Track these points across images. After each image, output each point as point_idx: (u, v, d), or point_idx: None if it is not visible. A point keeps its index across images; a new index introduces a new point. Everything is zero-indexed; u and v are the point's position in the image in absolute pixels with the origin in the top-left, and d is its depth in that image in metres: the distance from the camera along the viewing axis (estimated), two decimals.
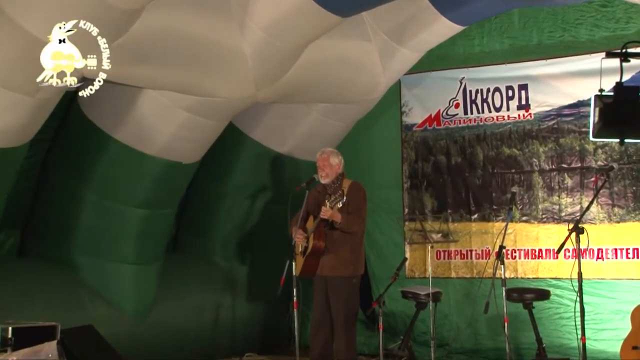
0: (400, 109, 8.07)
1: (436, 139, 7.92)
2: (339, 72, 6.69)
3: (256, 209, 7.70)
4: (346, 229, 5.71)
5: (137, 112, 6.13)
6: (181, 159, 6.57)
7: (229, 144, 7.37)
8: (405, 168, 8.06)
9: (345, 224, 5.68)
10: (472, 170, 7.74)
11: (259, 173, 7.60)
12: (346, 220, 5.68)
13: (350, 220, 5.73)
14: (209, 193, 7.67)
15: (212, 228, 7.71)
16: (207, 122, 6.37)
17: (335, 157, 5.96)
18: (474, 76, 7.68)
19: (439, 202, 7.87)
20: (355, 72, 6.79)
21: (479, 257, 7.61)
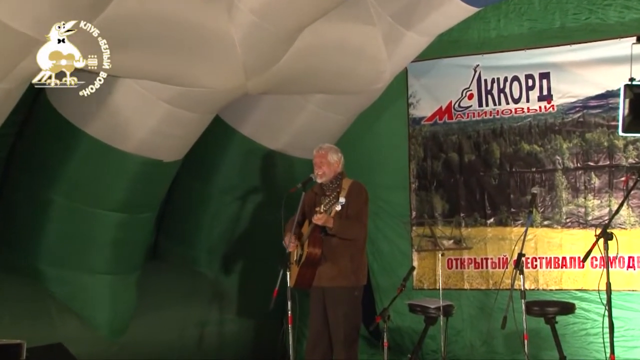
0: (407, 100, 8.07)
1: (447, 134, 7.92)
2: (338, 59, 6.68)
3: (246, 212, 7.69)
4: (341, 235, 5.71)
5: (112, 104, 6.10)
6: (162, 157, 6.56)
7: (215, 140, 7.35)
8: (412, 167, 8.05)
9: (340, 229, 5.66)
10: (487, 169, 7.73)
11: (249, 172, 7.58)
12: (340, 225, 5.67)
13: (347, 225, 5.72)
14: (193, 195, 7.67)
15: (196, 234, 7.69)
16: (191, 115, 6.36)
17: (334, 154, 5.96)
18: (489, 64, 7.67)
19: (451, 205, 7.87)
20: (356, 60, 6.78)
21: (495, 266, 7.60)
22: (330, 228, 5.64)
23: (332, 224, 5.63)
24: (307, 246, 5.76)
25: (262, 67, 6.21)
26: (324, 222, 5.61)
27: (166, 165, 6.70)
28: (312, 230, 5.75)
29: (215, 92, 6.21)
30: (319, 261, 5.77)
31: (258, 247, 7.67)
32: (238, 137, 7.42)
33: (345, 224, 5.72)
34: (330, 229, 5.65)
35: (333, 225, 5.63)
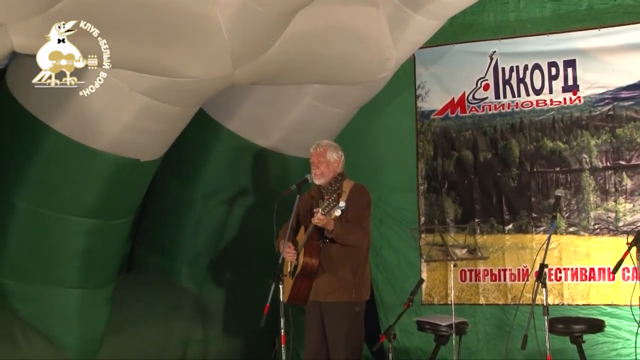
0: (415, 91, 8.08)
1: (460, 129, 7.92)
2: (337, 45, 6.66)
3: (233, 218, 7.69)
4: (342, 241, 5.70)
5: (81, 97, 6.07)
6: (138, 156, 6.54)
7: (198, 136, 7.34)
8: (421, 166, 8.05)
9: (341, 233, 5.65)
10: (505, 169, 7.73)
11: (237, 173, 7.58)
12: (342, 228, 5.66)
13: (349, 229, 5.72)
14: (174, 199, 7.66)
15: (177, 243, 7.69)
16: (171, 109, 6.34)
17: (334, 152, 5.93)
18: (507, 50, 7.68)
19: (464, 210, 7.87)
20: (357, 46, 6.76)
21: (514, 279, 7.60)
22: (330, 231, 5.62)
23: (332, 226, 5.61)
24: (303, 256, 5.73)
25: (252, 54, 6.19)
26: (324, 224, 5.59)
27: (143, 165, 6.67)
28: (308, 238, 5.72)
29: (198, 82, 6.18)
30: (315, 273, 5.74)
31: (247, 257, 7.66)
32: (225, 133, 7.42)
33: (347, 227, 5.71)
34: (329, 231, 5.63)
35: (334, 227, 5.61)
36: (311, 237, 5.75)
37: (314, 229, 5.70)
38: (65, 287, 6.63)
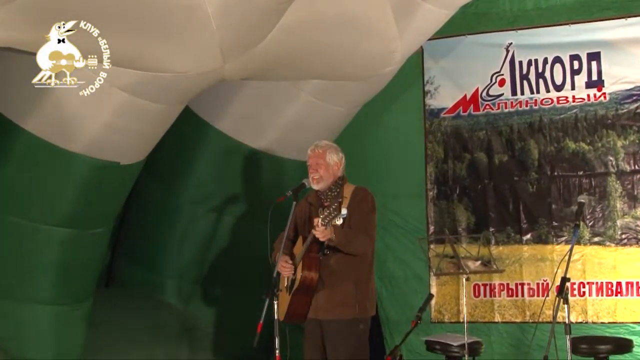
0: (424, 88, 8.09)
1: (473, 129, 7.92)
2: (338, 36, 6.63)
3: (224, 227, 7.71)
4: (345, 248, 5.68)
5: (55, 94, 6.04)
6: (118, 159, 6.54)
7: (185, 137, 7.34)
8: (430, 170, 8.05)
9: (344, 240, 5.64)
10: (523, 173, 7.74)
11: (227, 178, 7.59)
12: (344, 235, 5.65)
13: (351, 235, 5.70)
14: (158, 206, 7.68)
15: (161, 255, 7.70)
16: (155, 107, 6.33)
17: (334, 154, 5.92)
18: (525, 42, 7.69)
19: (478, 218, 7.87)
20: (360, 37, 6.73)
21: (533, 294, 7.61)
22: (332, 239, 5.60)
23: (333, 235, 5.59)
24: (301, 269, 5.73)
25: (243, 46, 6.17)
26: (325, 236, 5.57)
27: (124, 169, 6.67)
28: (306, 250, 5.72)
29: (184, 77, 6.17)
30: (315, 287, 5.73)
31: (239, 270, 7.66)
32: (213, 133, 7.42)
33: (350, 233, 5.71)
34: (331, 240, 5.61)
35: (336, 235, 5.60)
36: (310, 248, 5.73)
37: (312, 240, 5.68)
38: (38, 304, 6.62)
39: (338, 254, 5.74)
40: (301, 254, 5.76)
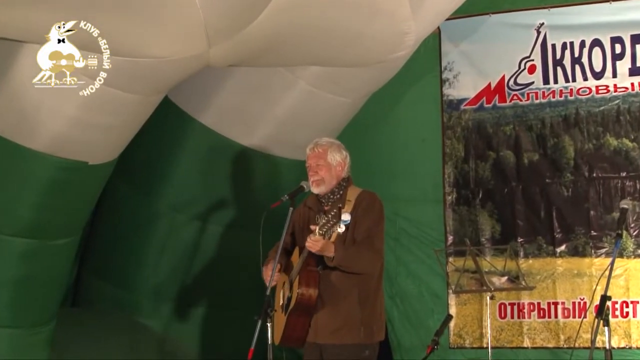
0: (441, 75, 8.09)
1: (498, 123, 7.92)
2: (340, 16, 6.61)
3: (209, 238, 7.72)
4: (348, 268, 5.66)
5: (13, 83, 6.07)
6: (86, 158, 6.55)
7: (164, 133, 7.37)
8: (448, 171, 8.06)
9: (345, 259, 5.62)
10: (556, 174, 7.74)
11: (213, 180, 7.62)
12: (345, 253, 5.64)
13: (355, 253, 5.69)
14: (133, 213, 7.69)
15: (136, 270, 7.72)
16: (129, 97, 6.33)
17: (337, 153, 5.90)
18: (559, 22, 7.69)
19: (504, 226, 7.87)
20: (366, 16, 6.71)
21: (568, 315, 7.60)
22: (331, 258, 5.61)
23: (332, 252, 5.59)
24: (298, 285, 5.71)
25: (231, 27, 6.18)
26: (321, 248, 5.57)
27: (92, 171, 6.68)
28: (304, 263, 5.71)
29: (164, 63, 6.17)
30: (314, 307, 5.72)
31: (226, 287, 7.68)
32: (197, 129, 7.44)
33: (353, 251, 5.69)
34: (330, 259, 5.62)
35: (335, 254, 5.60)
36: (307, 261, 5.72)
37: (309, 253, 5.68)
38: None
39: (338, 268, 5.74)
40: (298, 267, 5.75)
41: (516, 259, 7.48)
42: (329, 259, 5.62)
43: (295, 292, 5.73)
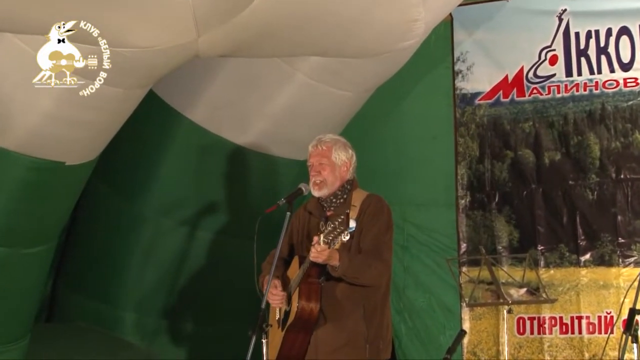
0: (454, 67, 8.09)
1: (517, 119, 7.91)
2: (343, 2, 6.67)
3: (198, 245, 7.74)
4: (354, 279, 5.65)
5: None
6: (63, 158, 6.55)
7: (149, 131, 7.39)
8: (461, 172, 8.05)
9: (350, 269, 5.60)
10: (580, 175, 7.73)
11: (202, 182, 7.63)
12: (351, 263, 5.61)
13: (362, 262, 5.67)
14: (114, 218, 7.70)
15: (118, 281, 7.72)
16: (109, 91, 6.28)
17: (341, 151, 5.89)
18: (583, 7, 7.69)
19: (523, 232, 7.86)
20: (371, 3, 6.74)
21: (593, 330, 7.58)
22: (336, 267, 5.59)
23: (337, 260, 5.57)
24: (297, 299, 5.70)
25: (222, 14, 6.17)
26: (326, 258, 5.56)
27: (70, 172, 6.69)
28: (304, 274, 5.69)
29: (149, 53, 6.16)
30: (315, 322, 5.70)
31: (217, 300, 7.69)
32: (185, 126, 7.46)
33: (359, 261, 5.67)
34: (335, 268, 5.60)
35: (340, 263, 5.60)
36: (308, 272, 5.70)
37: (312, 263, 5.66)
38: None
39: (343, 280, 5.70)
40: (297, 278, 5.73)
41: (536, 269, 7.48)
42: (333, 268, 5.60)
43: (295, 306, 5.71)
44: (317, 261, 5.55)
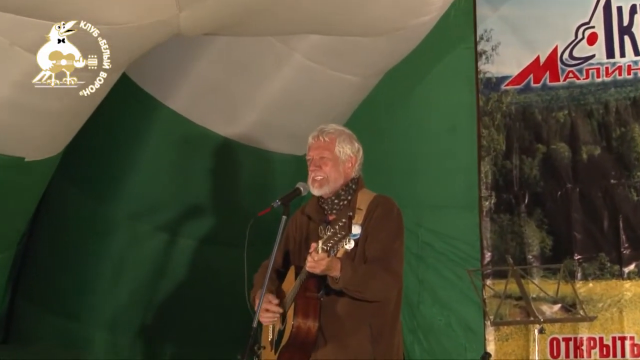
0: (476, 47, 8.09)
1: (549, 108, 7.92)
2: None
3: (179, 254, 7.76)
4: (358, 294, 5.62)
5: None
6: (22, 152, 6.58)
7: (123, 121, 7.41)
8: (485, 169, 8.06)
9: (353, 281, 5.55)
10: (624, 173, 7.74)
11: (184, 181, 7.65)
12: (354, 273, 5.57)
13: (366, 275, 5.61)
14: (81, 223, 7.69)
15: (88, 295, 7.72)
16: None
17: (346, 144, 5.84)
18: None
19: (556, 240, 7.86)
20: None
21: (638, 353, 7.59)
22: (337, 279, 5.58)
23: (339, 272, 5.57)
24: (294, 316, 5.66)
25: None
26: (326, 268, 5.56)
27: (30, 168, 6.70)
28: (301, 287, 5.67)
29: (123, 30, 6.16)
30: (313, 342, 5.67)
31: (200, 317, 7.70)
32: (165, 116, 7.49)
33: (364, 271, 5.63)
34: (335, 280, 5.60)
35: (341, 273, 5.60)
36: (306, 285, 5.67)
37: (310, 273, 5.65)
38: None
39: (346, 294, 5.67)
40: (293, 292, 5.71)
41: (572, 282, 7.44)
42: (333, 280, 5.57)
43: (290, 324, 5.67)
44: (314, 272, 5.49)
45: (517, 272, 7.10)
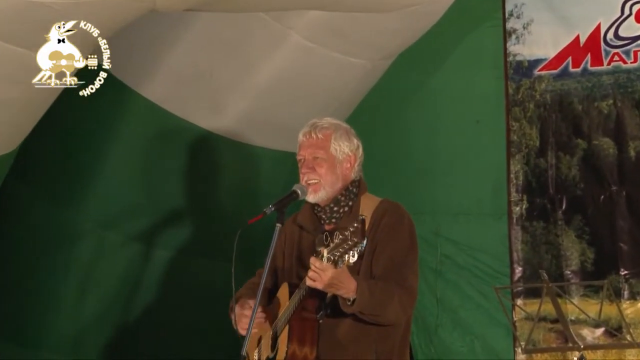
0: (505, 24, 8.08)
1: (591, 97, 7.91)
2: None
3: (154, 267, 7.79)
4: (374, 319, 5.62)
5: None
6: None
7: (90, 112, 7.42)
8: (516, 168, 8.04)
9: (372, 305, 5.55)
10: None
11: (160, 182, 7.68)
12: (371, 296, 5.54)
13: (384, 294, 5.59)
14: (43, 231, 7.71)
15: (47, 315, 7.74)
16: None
17: (343, 140, 5.82)
18: None
19: (599, 252, 7.85)
20: None
21: None
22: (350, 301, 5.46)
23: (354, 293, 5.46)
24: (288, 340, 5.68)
25: None
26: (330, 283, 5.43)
27: None
28: (296, 307, 5.67)
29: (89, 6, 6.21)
30: None
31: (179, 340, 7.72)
32: (139, 106, 7.54)
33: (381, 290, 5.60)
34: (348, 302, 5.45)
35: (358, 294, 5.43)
36: (302, 305, 5.67)
37: (307, 292, 5.64)
38: None
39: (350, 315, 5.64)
40: (287, 313, 5.70)
41: (618, 302, 7.48)
42: (344, 302, 5.54)
43: (283, 350, 5.67)
44: (315, 286, 5.45)
45: (553, 290, 7.07)
